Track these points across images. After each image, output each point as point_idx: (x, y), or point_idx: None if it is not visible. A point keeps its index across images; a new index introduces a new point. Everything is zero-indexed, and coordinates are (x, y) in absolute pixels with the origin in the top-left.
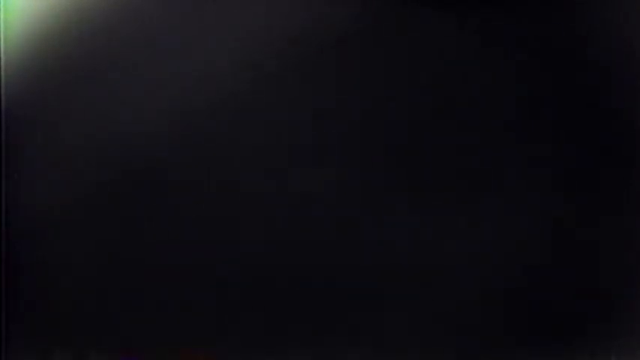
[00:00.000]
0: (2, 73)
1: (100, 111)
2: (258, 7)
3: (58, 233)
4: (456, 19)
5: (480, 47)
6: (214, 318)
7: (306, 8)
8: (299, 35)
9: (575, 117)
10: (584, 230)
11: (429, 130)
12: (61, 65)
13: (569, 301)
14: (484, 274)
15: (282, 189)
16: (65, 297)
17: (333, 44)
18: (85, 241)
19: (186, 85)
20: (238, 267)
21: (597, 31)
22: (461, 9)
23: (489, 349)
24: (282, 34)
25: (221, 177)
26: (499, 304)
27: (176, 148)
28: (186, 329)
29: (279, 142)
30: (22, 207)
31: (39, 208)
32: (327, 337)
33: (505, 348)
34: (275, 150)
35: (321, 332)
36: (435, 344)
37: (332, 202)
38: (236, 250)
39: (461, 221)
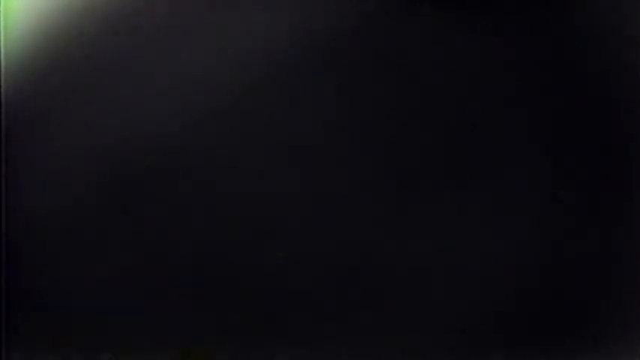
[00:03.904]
0: (2, 73)
1: (101, 111)
2: (260, 8)
3: (58, 233)
4: (456, 19)
5: (480, 47)
6: (217, 318)
7: (306, 9)
8: (300, 37)
9: (574, 116)
10: (584, 230)
11: (430, 130)
12: (62, 65)
13: (570, 301)
14: (484, 274)
15: (283, 189)
16: (65, 297)
17: (333, 45)
18: (85, 241)
19: (188, 86)
20: (241, 268)
21: (597, 31)
22: (461, 9)
23: (490, 350)
24: (283, 35)
25: (222, 177)
26: (499, 304)
27: (178, 148)
28: (189, 329)
29: (280, 143)
30: (22, 207)
31: (39, 208)
32: (327, 337)
33: (506, 348)
34: (276, 151)
35: (321, 333)
36: (435, 344)
37: (332, 202)
38: (239, 250)
39: (462, 221)
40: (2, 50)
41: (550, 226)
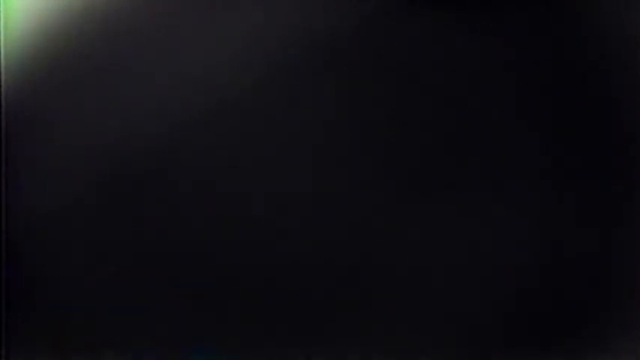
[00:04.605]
0: (2, 73)
1: (101, 111)
2: (260, 8)
3: (58, 233)
4: (456, 19)
5: (480, 47)
6: (217, 318)
7: (306, 9)
8: (300, 37)
9: (574, 116)
10: (584, 230)
11: (430, 130)
12: (61, 65)
13: (570, 301)
14: (484, 274)
15: (283, 189)
16: (64, 297)
17: (333, 45)
18: (85, 241)
19: (188, 85)
20: (241, 268)
21: (597, 31)
22: (461, 9)
23: (490, 350)
24: (283, 35)
25: (222, 177)
26: (499, 304)
27: (177, 148)
28: (189, 329)
29: (280, 143)
30: (22, 207)
31: (39, 208)
32: (327, 337)
33: (506, 348)
34: (276, 151)
35: (321, 332)
36: (435, 344)
37: (332, 202)
38: (239, 250)
39: (462, 221)
40: (2, 50)
41: (550, 226)
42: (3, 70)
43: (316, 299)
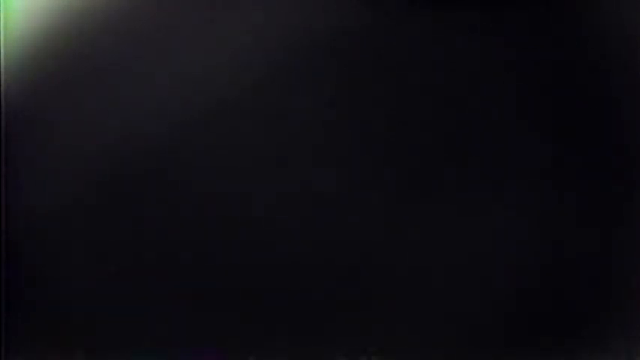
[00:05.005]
0: (2, 73)
1: (101, 111)
2: (260, 8)
3: (58, 233)
4: (456, 19)
5: (480, 47)
6: (217, 318)
7: (306, 9)
8: (300, 37)
9: (574, 116)
10: (584, 230)
11: (430, 130)
12: (61, 65)
13: (570, 301)
14: (484, 274)
15: (283, 189)
16: (65, 297)
17: (333, 45)
18: (85, 241)
19: (189, 85)
20: (241, 268)
21: (597, 31)
22: (461, 9)
23: (490, 350)
24: (283, 35)
25: (222, 177)
26: (499, 305)
27: (178, 148)
28: (188, 329)
29: (280, 143)
30: (22, 207)
31: (39, 208)
32: (328, 337)
33: (506, 348)
34: (276, 151)
35: (321, 333)
36: (435, 344)
37: (332, 202)
38: (239, 250)
39: (462, 221)
40: (2, 50)
41: (550, 226)
42: (3, 70)
43: (316, 299)
